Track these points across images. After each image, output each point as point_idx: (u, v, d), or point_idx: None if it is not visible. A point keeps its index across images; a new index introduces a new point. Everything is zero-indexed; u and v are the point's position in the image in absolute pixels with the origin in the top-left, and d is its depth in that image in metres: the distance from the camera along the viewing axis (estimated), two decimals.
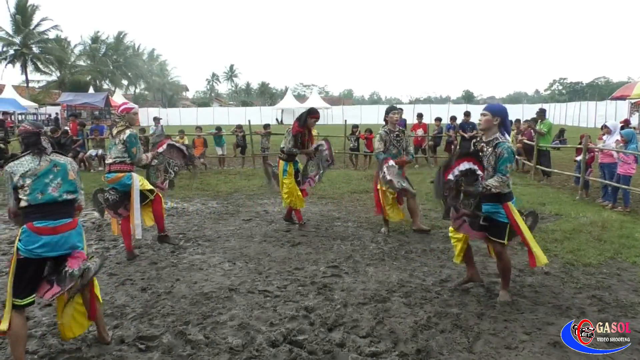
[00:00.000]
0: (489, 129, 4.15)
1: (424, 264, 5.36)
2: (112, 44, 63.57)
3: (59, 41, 53.02)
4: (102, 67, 59.62)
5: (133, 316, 4.03)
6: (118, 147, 5.41)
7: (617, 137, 8.80)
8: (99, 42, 60.95)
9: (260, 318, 3.97)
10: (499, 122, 4.13)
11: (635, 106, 21.78)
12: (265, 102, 77.68)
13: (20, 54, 48.64)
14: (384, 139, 6.55)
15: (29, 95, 43.96)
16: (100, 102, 36.63)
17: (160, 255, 5.78)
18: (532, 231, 4.38)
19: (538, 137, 11.58)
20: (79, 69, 57.11)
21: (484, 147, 4.17)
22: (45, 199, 3.22)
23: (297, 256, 5.67)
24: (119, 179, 5.44)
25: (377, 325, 3.82)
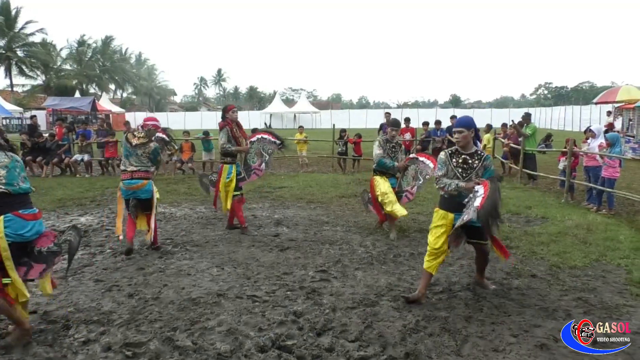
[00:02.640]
0: (468, 143, 4.32)
1: (412, 268, 5.38)
2: (99, 47, 63.15)
3: (45, 44, 52.55)
4: (89, 71, 59.19)
5: (120, 322, 3.98)
6: (141, 157, 5.89)
7: (601, 140, 8.93)
8: (86, 46, 60.50)
9: (249, 323, 3.95)
10: (473, 134, 4.35)
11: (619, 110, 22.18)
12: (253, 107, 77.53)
13: (5, 58, 48.09)
14: (382, 146, 6.73)
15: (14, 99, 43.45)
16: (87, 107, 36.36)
17: (147, 260, 5.73)
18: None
19: (524, 140, 11.71)
20: (65, 73, 56.64)
21: (467, 160, 4.32)
22: (22, 189, 3.54)
23: (286, 261, 5.65)
24: (144, 185, 5.87)
25: (365, 330, 3.82)
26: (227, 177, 6.81)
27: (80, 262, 5.65)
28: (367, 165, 15.15)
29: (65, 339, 3.69)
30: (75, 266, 5.45)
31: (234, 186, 6.84)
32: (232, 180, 6.82)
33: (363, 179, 12.14)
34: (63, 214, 8.47)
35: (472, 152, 4.30)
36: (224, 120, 6.87)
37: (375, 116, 48.85)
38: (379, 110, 56.45)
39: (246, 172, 7.14)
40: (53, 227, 7.37)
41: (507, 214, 8.02)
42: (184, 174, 13.82)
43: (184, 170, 14.22)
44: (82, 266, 5.52)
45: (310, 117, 51.75)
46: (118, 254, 5.98)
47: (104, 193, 10.55)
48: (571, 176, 9.54)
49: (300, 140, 15.73)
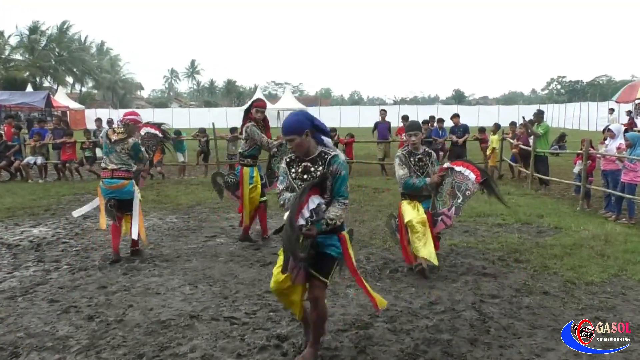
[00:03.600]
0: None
1: (410, 285, 5.40)
2: (54, 35, 62.67)
3: None
4: (43, 62, 58.67)
5: (78, 349, 3.94)
6: (121, 154, 6.10)
7: (620, 141, 9.03)
8: (39, 33, 59.97)
9: (226, 349, 3.94)
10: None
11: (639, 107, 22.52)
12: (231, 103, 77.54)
13: None
14: (405, 162, 5.63)
15: None
16: (40, 102, 36.00)
17: (110, 277, 5.69)
18: None
19: (535, 140, 11.80)
20: (15, 64, 56.03)
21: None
22: None
23: (268, 277, 5.62)
24: (124, 185, 6.13)
25: (358, 355, 3.82)
26: (250, 183, 6.84)
27: (32, 280, 5.59)
28: (360, 169, 15.21)
29: None
30: (26, 285, 5.39)
31: (259, 192, 6.92)
32: (255, 187, 6.87)
33: (355, 185, 12.15)
34: (12, 224, 8.38)
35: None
36: (246, 117, 6.86)
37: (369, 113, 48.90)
38: (373, 107, 56.74)
39: (269, 179, 7.15)
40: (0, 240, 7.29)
41: (517, 223, 8.11)
42: (153, 179, 13.73)
43: (153, 175, 14.14)
44: (35, 284, 5.46)
45: None
46: (76, 270, 5.93)
47: (60, 201, 10.45)
48: (587, 181, 9.65)
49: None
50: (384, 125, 15.71)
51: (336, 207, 3.51)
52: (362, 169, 15.26)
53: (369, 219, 8.59)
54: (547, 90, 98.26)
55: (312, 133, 3.59)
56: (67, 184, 13.05)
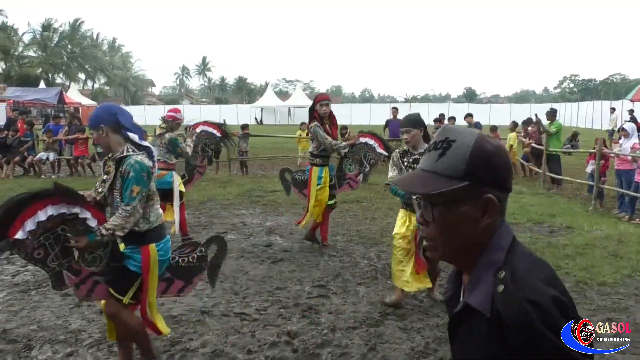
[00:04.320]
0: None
1: None
2: (66, 32, 63.17)
3: (4, 28, 52.53)
4: (55, 58, 59.14)
5: (90, 342, 3.98)
6: (160, 148, 6.51)
7: (635, 140, 8.96)
8: (51, 31, 60.47)
9: (237, 345, 3.96)
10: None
11: None
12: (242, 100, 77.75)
13: None
14: (397, 164, 4.78)
15: None
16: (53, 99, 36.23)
17: None
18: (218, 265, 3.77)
19: (547, 140, 11.73)
20: (28, 61, 56.54)
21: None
22: None
23: (279, 274, 5.66)
24: (162, 176, 6.41)
25: (368, 353, 3.83)
26: (318, 183, 6.45)
27: (45, 274, 5.64)
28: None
29: None
30: (39, 278, 5.45)
31: (327, 194, 6.52)
32: (324, 188, 6.47)
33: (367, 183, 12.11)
34: None
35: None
36: (311, 116, 6.55)
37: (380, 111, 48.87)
38: (384, 105, 56.60)
39: (338, 180, 6.72)
40: None
41: (528, 222, 8.06)
42: None
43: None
44: (47, 278, 5.50)
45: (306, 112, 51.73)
46: None
47: None
48: (600, 181, 9.57)
49: (302, 138, 15.76)
50: (395, 123, 15.64)
51: (116, 215, 3.13)
52: None
53: (380, 216, 8.59)
54: (559, 89, 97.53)
55: (113, 129, 3.21)
56: (79, 180, 13.13)
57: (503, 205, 1.24)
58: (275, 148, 18.13)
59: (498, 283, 1.15)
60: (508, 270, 1.16)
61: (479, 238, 1.22)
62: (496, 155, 1.20)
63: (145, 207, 3.23)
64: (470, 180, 1.18)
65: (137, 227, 3.21)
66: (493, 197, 1.19)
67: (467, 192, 1.19)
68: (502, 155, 1.22)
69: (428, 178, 1.21)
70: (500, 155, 1.22)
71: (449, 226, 1.22)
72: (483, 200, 1.19)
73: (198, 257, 3.61)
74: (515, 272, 1.15)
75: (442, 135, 1.24)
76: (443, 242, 1.25)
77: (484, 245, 1.22)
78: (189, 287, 3.66)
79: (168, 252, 3.43)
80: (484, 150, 1.19)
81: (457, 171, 1.18)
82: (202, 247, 3.63)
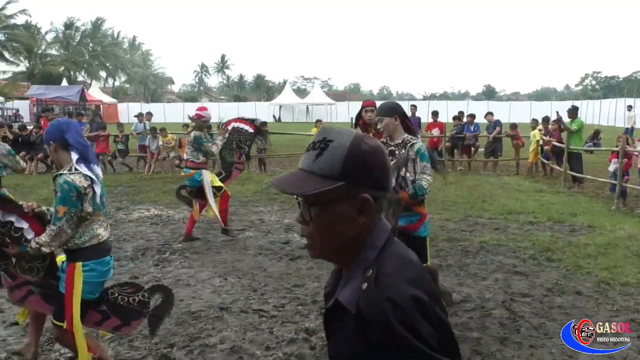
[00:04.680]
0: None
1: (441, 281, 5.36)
2: (88, 31, 63.93)
3: (28, 27, 53.30)
4: (77, 57, 59.93)
5: (111, 337, 4.04)
6: (188, 146, 7.00)
7: None
8: (73, 29, 61.27)
9: (255, 341, 3.98)
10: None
11: None
12: (260, 97, 77.87)
13: None
14: None
15: None
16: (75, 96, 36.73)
17: (141, 268, 5.80)
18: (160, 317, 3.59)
19: (569, 138, 11.59)
20: (51, 59, 57.36)
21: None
22: None
23: (297, 271, 5.68)
24: (191, 175, 6.88)
25: None
26: None
27: None
28: None
29: (50, 353, 3.75)
30: None
31: None
32: None
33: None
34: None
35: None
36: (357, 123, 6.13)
37: None
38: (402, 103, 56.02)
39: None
40: None
41: (549, 221, 7.96)
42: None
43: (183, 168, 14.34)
44: None
45: (325, 109, 51.80)
46: None
47: None
48: (623, 179, 9.43)
49: None
50: (414, 120, 15.54)
51: (45, 232, 3.11)
52: None
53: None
54: (581, 86, 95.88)
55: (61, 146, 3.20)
56: None
57: (380, 204, 1.27)
58: (293, 145, 18.15)
59: (364, 281, 1.19)
60: (375, 268, 1.20)
61: (356, 237, 1.25)
62: (372, 155, 1.23)
63: (79, 227, 3.14)
64: (346, 180, 1.20)
65: (67, 245, 3.16)
66: (369, 197, 1.22)
67: (343, 191, 1.21)
68: (378, 156, 1.24)
69: (305, 178, 1.22)
70: (377, 155, 1.24)
71: (326, 225, 1.25)
72: (359, 200, 1.22)
73: (139, 301, 3.39)
74: (381, 270, 1.19)
75: (321, 135, 1.26)
76: (321, 240, 1.27)
77: (360, 243, 1.25)
78: (126, 328, 3.45)
79: (102, 276, 3.24)
80: (360, 150, 1.21)
81: (334, 171, 1.20)
82: (145, 292, 3.41)
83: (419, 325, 1.13)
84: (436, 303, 1.21)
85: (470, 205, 9.12)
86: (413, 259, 1.28)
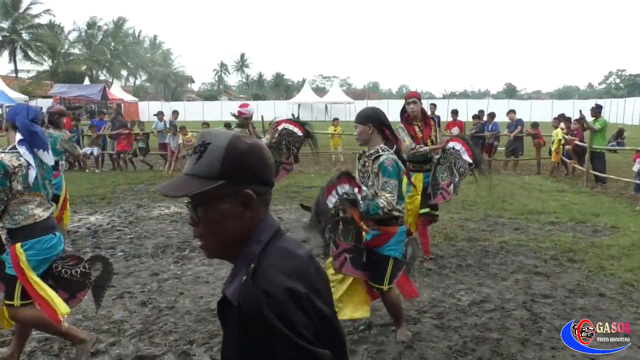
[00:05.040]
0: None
1: (459, 282, 5.33)
2: (110, 30, 64.77)
3: (52, 26, 54.20)
4: (99, 55, 60.74)
5: (132, 333, 4.09)
6: None
7: None
8: (96, 28, 62.12)
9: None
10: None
11: None
12: (279, 96, 78.17)
13: (9, 41, 49.78)
14: None
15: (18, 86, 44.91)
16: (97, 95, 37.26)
17: (161, 265, 5.86)
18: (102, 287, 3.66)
19: (591, 136, 11.41)
20: (74, 58, 58.23)
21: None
22: None
23: None
24: None
25: (405, 350, 3.81)
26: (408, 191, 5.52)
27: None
28: None
29: (72, 349, 3.80)
30: None
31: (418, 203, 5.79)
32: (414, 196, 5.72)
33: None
34: (71, 212, 8.70)
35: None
36: (402, 117, 5.94)
37: None
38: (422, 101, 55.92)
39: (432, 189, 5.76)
40: None
41: (571, 222, 7.85)
42: None
43: None
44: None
45: (343, 108, 51.70)
46: (130, 257, 6.13)
47: (115, 190, 10.81)
48: None
49: (334, 135, 15.73)
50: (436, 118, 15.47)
51: None
52: None
53: None
54: (604, 84, 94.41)
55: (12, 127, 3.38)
56: (121, 174, 13.48)
57: (265, 198, 1.34)
58: None
59: (245, 274, 1.24)
60: (257, 262, 1.25)
61: (243, 233, 1.30)
62: (250, 153, 1.28)
63: (11, 205, 3.21)
64: (226, 179, 1.26)
65: (5, 226, 3.23)
66: (251, 192, 1.28)
67: (225, 190, 1.27)
68: (256, 153, 1.30)
69: (188, 181, 1.28)
70: (254, 152, 1.29)
71: (214, 224, 1.30)
72: (242, 196, 1.27)
73: (81, 272, 3.48)
74: (261, 264, 1.24)
75: (200, 139, 1.31)
76: (212, 239, 1.32)
77: (247, 239, 1.31)
78: (73, 300, 3.49)
79: (44, 253, 3.31)
80: (237, 149, 1.28)
81: (213, 172, 1.26)
82: (85, 264, 3.51)
83: (292, 317, 1.16)
84: (317, 296, 1.24)
85: (490, 204, 9.04)
86: (299, 254, 1.32)
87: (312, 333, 1.18)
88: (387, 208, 3.55)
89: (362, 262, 3.72)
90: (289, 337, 1.14)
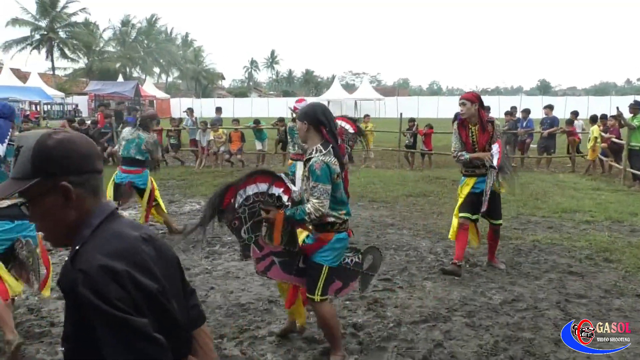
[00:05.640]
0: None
1: (490, 280, 5.26)
2: (143, 28, 65.83)
3: (87, 25, 55.38)
4: (132, 53, 61.83)
5: None
6: None
7: None
8: (129, 26, 63.25)
9: (302, 334, 4.01)
10: (312, 127, 3.41)
11: None
12: (309, 93, 78.26)
13: (47, 39, 51.06)
14: None
15: (55, 83, 46.09)
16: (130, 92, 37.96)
17: (193, 260, 5.94)
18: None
19: (630, 133, 11.11)
20: (108, 56, 59.39)
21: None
22: None
23: None
24: (289, 164, 7.39)
25: (435, 348, 3.78)
26: None
27: None
28: (439, 160, 14.93)
29: None
30: None
31: None
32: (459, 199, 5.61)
33: (434, 177, 11.97)
34: None
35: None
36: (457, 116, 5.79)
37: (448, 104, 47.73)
38: (452, 98, 55.30)
39: None
40: None
41: (607, 221, 7.66)
42: (233, 167, 14.17)
43: (233, 163, 14.59)
44: None
45: (373, 105, 51.49)
46: None
47: None
48: None
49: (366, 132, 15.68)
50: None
51: None
52: (440, 161, 14.96)
53: (447, 211, 8.40)
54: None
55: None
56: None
57: (90, 185, 1.41)
58: None
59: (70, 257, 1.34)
60: (81, 245, 1.35)
61: (74, 220, 1.39)
62: (59, 147, 1.35)
63: None
64: (41, 176, 1.35)
65: None
66: (67, 185, 1.35)
67: (42, 186, 1.35)
68: (65, 146, 1.37)
69: (10, 184, 1.39)
70: (64, 146, 1.36)
71: (44, 218, 1.40)
72: (60, 189, 1.35)
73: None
74: (85, 246, 1.34)
75: (16, 143, 1.40)
76: (47, 231, 1.44)
77: (80, 225, 1.39)
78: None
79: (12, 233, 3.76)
80: (44, 147, 1.35)
81: (26, 172, 1.35)
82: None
83: (105, 290, 1.23)
84: (142, 273, 1.32)
85: (523, 202, 8.89)
86: (129, 234, 1.40)
87: (130, 305, 1.25)
88: (315, 214, 3.23)
89: (297, 267, 3.59)
90: (103, 309, 1.22)
